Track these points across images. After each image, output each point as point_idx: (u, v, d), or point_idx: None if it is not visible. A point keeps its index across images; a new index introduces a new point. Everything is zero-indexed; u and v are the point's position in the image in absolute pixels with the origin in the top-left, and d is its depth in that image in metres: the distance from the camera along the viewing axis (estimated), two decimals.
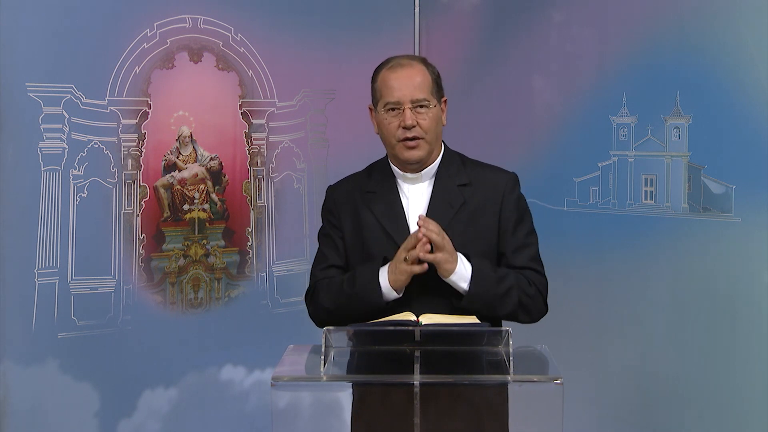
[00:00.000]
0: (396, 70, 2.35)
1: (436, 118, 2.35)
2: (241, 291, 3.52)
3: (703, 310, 3.11)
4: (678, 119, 3.18)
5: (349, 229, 2.41)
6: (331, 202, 2.46)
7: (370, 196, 2.40)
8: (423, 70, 2.36)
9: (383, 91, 2.34)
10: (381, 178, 2.42)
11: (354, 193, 2.43)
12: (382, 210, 2.37)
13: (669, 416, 3.20)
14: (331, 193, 2.48)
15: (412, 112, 2.30)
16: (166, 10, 3.30)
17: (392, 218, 2.36)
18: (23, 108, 2.99)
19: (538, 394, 1.96)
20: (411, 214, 2.35)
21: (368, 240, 2.36)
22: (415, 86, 2.32)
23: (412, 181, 2.39)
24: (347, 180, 2.50)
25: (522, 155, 3.57)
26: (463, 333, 2.10)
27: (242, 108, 3.50)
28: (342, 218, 2.42)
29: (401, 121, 2.30)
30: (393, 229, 2.34)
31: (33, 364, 3.04)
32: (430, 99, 2.33)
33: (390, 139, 2.34)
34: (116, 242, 3.23)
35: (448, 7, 3.86)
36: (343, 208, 2.42)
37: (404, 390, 1.93)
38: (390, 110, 2.32)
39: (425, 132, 2.31)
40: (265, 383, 2.58)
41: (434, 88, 2.35)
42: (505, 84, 3.68)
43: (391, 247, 2.31)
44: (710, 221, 3.09)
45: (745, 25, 2.98)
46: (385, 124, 2.34)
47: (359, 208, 2.40)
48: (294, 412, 2.03)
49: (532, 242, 2.39)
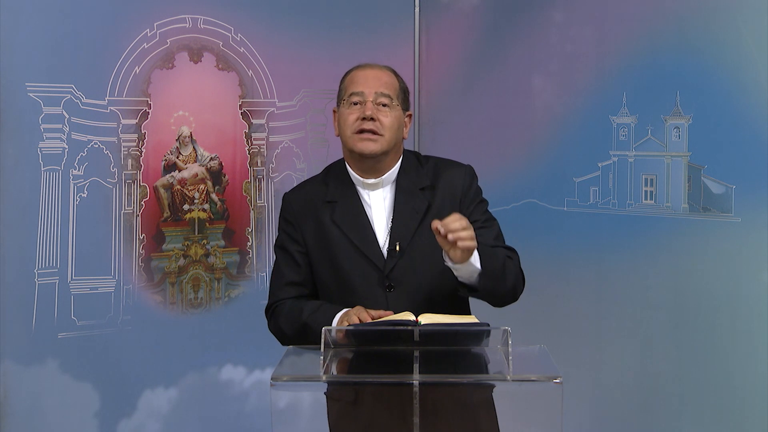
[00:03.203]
0: (364, 69, 2.34)
1: (398, 120, 2.32)
2: (241, 291, 3.52)
3: (702, 310, 3.11)
4: (678, 119, 3.18)
5: (311, 241, 2.35)
6: (290, 212, 2.39)
7: (331, 206, 2.34)
8: (391, 75, 2.36)
9: (348, 85, 2.33)
10: (339, 185, 2.36)
11: (313, 201, 2.37)
12: (346, 222, 2.32)
13: (669, 416, 3.20)
14: (289, 203, 2.41)
15: (374, 106, 2.28)
16: (166, 10, 3.31)
17: (358, 230, 2.31)
18: (23, 108, 2.99)
19: (538, 393, 1.96)
20: (376, 223, 2.33)
21: (336, 255, 2.32)
22: (382, 83, 2.31)
23: (372, 187, 2.35)
24: (304, 187, 2.45)
25: (522, 155, 3.57)
26: (463, 333, 2.10)
27: (242, 108, 3.51)
28: (303, 229, 2.36)
29: (361, 113, 2.27)
30: (360, 241, 2.30)
31: (33, 364, 3.04)
32: (394, 99, 2.31)
33: (346, 130, 2.30)
34: (116, 242, 3.23)
35: (448, 7, 3.86)
36: (304, 219, 2.36)
37: (403, 390, 1.93)
38: (352, 103, 2.29)
39: (384, 129, 2.28)
40: (265, 383, 2.59)
41: (401, 95, 2.34)
42: (505, 84, 3.68)
43: (361, 259, 2.29)
44: (710, 221, 3.09)
45: (745, 25, 2.98)
46: (345, 116, 2.30)
47: (321, 218, 2.34)
48: (294, 412, 2.03)
49: (491, 225, 2.36)
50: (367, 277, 2.30)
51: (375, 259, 2.30)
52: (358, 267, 2.30)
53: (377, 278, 2.30)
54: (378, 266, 2.30)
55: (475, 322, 2.17)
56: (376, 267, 2.30)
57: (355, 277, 2.30)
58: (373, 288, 2.30)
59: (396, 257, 2.29)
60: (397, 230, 2.29)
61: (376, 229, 2.32)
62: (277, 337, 2.38)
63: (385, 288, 2.29)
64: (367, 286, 2.30)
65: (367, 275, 2.30)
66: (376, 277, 2.30)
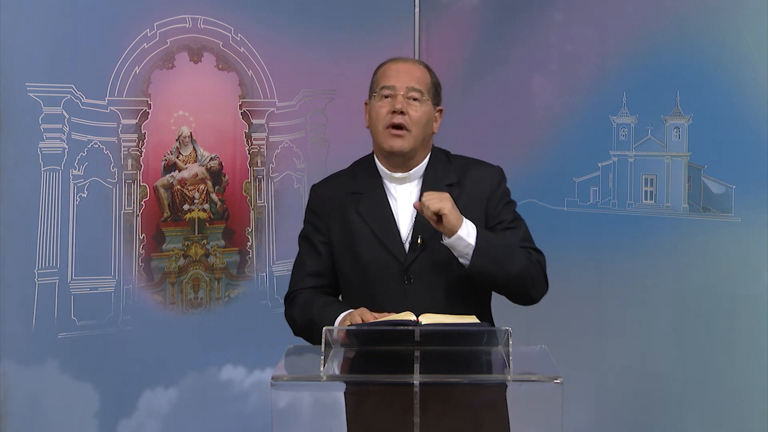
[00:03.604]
0: (397, 62, 2.37)
1: (428, 115, 2.33)
2: (241, 291, 3.52)
3: (703, 310, 3.11)
4: (678, 119, 3.18)
5: (336, 233, 2.38)
6: (316, 203, 2.43)
7: (357, 197, 2.37)
8: (424, 69, 2.38)
9: (380, 78, 2.35)
10: (367, 178, 2.39)
11: (340, 193, 2.39)
12: (370, 213, 2.34)
13: (669, 416, 3.20)
14: (317, 194, 2.45)
15: (405, 100, 2.29)
16: (166, 10, 3.30)
17: (381, 222, 2.33)
18: (23, 108, 2.99)
19: (538, 393, 1.96)
20: (400, 217, 2.34)
21: (358, 245, 2.34)
22: (414, 77, 2.32)
23: (399, 181, 2.36)
24: (332, 179, 2.47)
25: (522, 155, 3.57)
26: (463, 333, 2.10)
27: (242, 108, 3.51)
28: (328, 221, 2.39)
29: (392, 106, 2.29)
30: (383, 233, 2.32)
31: (33, 364, 3.04)
32: (425, 94, 2.32)
33: (377, 124, 2.32)
34: (116, 242, 3.23)
35: (448, 7, 3.86)
36: (330, 210, 2.39)
37: (404, 390, 1.93)
38: (384, 96, 2.31)
39: (413, 123, 2.29)
40: (265, 383, 2.59)
41: (432, 90, 2.35)
42: (505, 84, 3.68)
43: (382, 250, 2.31)
44: (710, 221, 3.09)
45: (745, 25, 2.98)
46: (376, 109, 2.32)
47: (346, 210, 2.36)
48: (294, 412, 2.03)
49: (519, 225, 2.37)
50: (387, 268, 2.31)
51: (396, 252, 2.31)
52: (378, 258, 2.31)
53: (397, 270, 2.31)
54: (398, 259, 2.31)
55: (476, 322, 2.17)
56: (397, 259, 2.31)
57: (375, 268, 2.32)
58: (392, 280, 2.31)
59: (417, 251, 2.30)
60: (421, 224, 2.29)
61: (401, 222, 2.33)
62: (291, 326, 2.39)
63: (404, 280, 2.30)
64: (386, 278, 2.31)
65: (387, 267, 2.31)
66: (397, 269, 2.31)
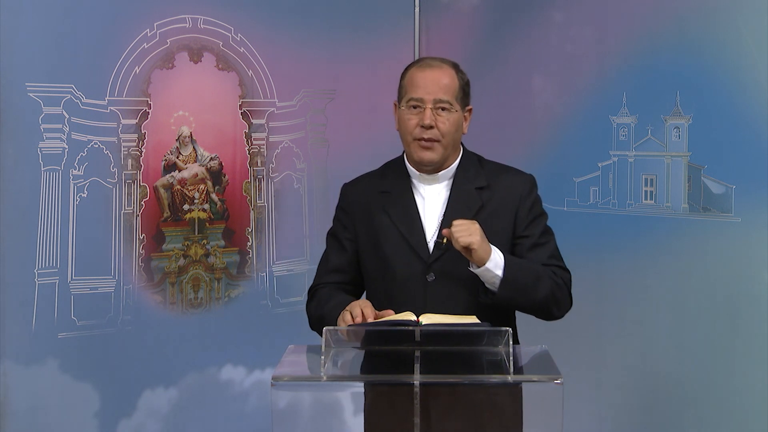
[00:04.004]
0: (424, 69, 2.35)
1: (456, 123, 2.35)
2: (241, 291, 3.52)
3: (703, 310, 3.11)
4: (678, 119, 3.18)
5: (362, 231, 2.41)
6: (346, 202, 2.47)
7: (385, 196, 2.40)
8: (452, 74, 2.37)
9: (408, 87, 2.35)
10: (396, 177, 2.42)
11: (369, 192, 2.43)
12: (397, 212, 2.37)
13: (669, 416, 3.20)
14: (346, 192, 2.49)
15: (433, 112, 2.31)
16: (166, 10, 3.30)
17: (407, 221, 2.36)
18: (23, 108, 2.99)
19: (538, 393, 1.96)
20: (426, 217, 2.36)
21: (383, 242, 2.37)
22: (441, 87, 2.32)
23: (428, 181, 2.39)
24: (362, 179, 2.50)
25: (522, 155, 3.57)
26: (463, 333, 2.10)
27: (242, 108, 3.51)
28: (355, 218, 2.43)
29: (420, 120, 2.31)
30: (408, 232, 2.35)
31: (33, 364, 3.04)
32: (453, 103, 2.33)
33: (406, 136, 2.35)
34: (116, 242, 3.23)
35: (448, 7, 3.86)
36: (358, 208, 2.43)
37: (404, 390, 1.93)
38: (412, 107, 2.33)
39: (442, 135, 2.32)
40: (265, 383, 2.59)
41: (460, 94, 2.35)
42: (505, 84, 3.68)
43: (406, 248, 2.33)
44: (710, 221, 3.09)
45: (745, 25, 2.98)
46: (405, 120, 2.34)
47: (374, 208, 2.40)
48: (294, 412, 2.03)
49: (548, 240, 2.40)
50: (410, 266, 2.33)
51: (419, 250, 2.33)
52: (402, 256, 2.34)
53: (420, 269, 2.33)
54: (422, 257, 2.33)
55: (476, 322, 2.17)
56: (420, 258, 2.33)
57: (398, 265, 2.34)
58: (414, 278, 2.33)
59: (441, 250, 2.31)
60: (447, 225, 2.30)
61: (427, 221, 2.36)
62: (308, 318, 2.43)
63: (426, 279, 2.32)
64: (408, 276, 2.33)
65: (409, 264, 2.33)
66: (419, 267, 2.33)
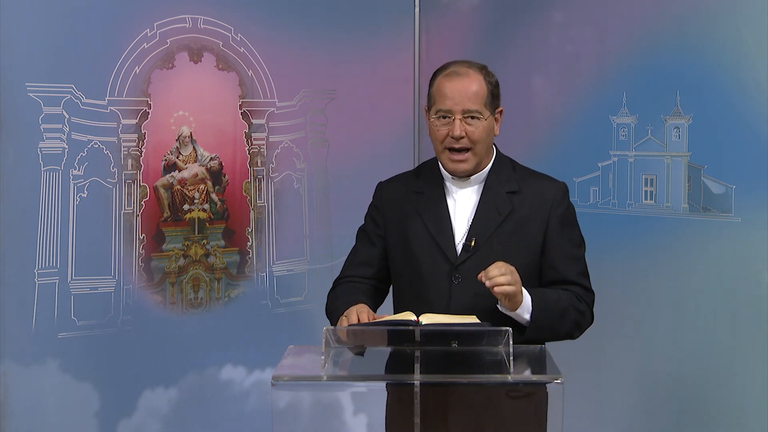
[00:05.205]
0: (452, 78, 2.34)
1: (487, 129, 2.35)
2: (241, 291, 3.52)
3: (703, 310, 3.11)
4: (678, 119, 3.18)
5: (393, 228, 2.43)
6: (379, 200, 2.49)
7: (417, 196, 2.42)
8: (480, 79, 2.35)
9: (437, 97, 2.35)
10: (429, 178, 2.43)
11: (402, 191, 2.45)
12: (428, 212, 2.38)
13: (669, 416, 3.20)
14: (380, 191, 2.51)
15: (462, 122, 2.31)
16: (166, 10, 3.30)
17: (438, 222, 2.37)
18: (23, 108, 2.99)
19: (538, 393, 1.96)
20: (457, 219, 2.37)
21: (412, 241, 2.38)
22: (469, 97, 2.31)
23: (461, 184, 2.40)
24: (397, 178, 2.53)
25: (522, 155, 3.54)
26: (463, 333, 2.10)
27: (242, 108, 3.51)
28: (387, 217, 2.45)
29: (450, 131, 2.31)
30: (437, 231, 2.36)
31: (33, 364, 3.04)
32: (483, 111, 2.32)
33: (437, 145, 2.36)
34: (116, 242, 3.23)
35: (448, 7, 3.86)
36: (390, 207, 2.45)
37: (405, 390, 1.93)
38: (441, 117, 2.33)
39: (473, 143, 2.32)
40: (265, 383, 2.59)
41: (488, 99, 2.35)
42: (505, 84, 3.65)
43: (434, 248, 2.35)
44: (710, 221, 3.09)
45: (745, 25, 2.98)
46: (434, 130, 2.35)
47: (406, 207, 2.42)
48: (294, 412, 2.03)
49: (581, 255, 2.42)
50: (437, 266, 2.34)
51: (447, 251, 2.34)
52: (429, 256, 2.35)
53: (447, 270, 2.33)
54: (449, 258, 2.34)
55: (476, 322, 2.17)
56: (447, 259, 2.34)
57: (425, 264, 2.35)
58: (440, 278, 2.34)
59: (469, 252, 2.32)
60: (476, 227, 2.33)
61: (456, 223, 2.37)
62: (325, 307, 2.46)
63: (452, 280, 2.33)
64: (434, 276, 2.34)
65: (436, 265, 2.35)
66: (446, 268, 2.34)
